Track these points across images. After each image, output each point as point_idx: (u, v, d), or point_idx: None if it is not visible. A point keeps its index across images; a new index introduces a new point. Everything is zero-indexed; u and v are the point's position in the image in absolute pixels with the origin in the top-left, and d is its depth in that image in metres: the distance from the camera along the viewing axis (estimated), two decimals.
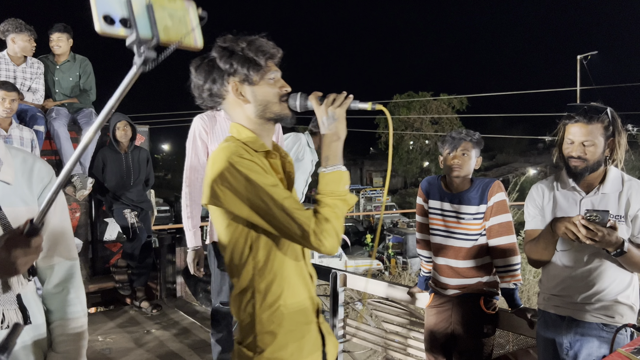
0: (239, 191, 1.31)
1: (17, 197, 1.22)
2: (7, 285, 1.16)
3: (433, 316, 2.65)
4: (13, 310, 1.18)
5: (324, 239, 1.29)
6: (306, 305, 1.47)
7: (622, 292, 1.97)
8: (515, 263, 2.48)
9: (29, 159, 1.30)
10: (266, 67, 1.41)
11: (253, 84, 1.40)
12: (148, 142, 5.59)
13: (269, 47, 1.40)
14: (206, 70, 1.40)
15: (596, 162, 1.97)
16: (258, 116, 1.44)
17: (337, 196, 1.35)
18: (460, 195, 2.55)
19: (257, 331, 1.40)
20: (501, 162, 43.81)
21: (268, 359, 1.39)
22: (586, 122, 1.96)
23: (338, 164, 1.39)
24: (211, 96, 1.43)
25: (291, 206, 1.30)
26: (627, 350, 1.25)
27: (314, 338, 1.48)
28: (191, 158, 2.84)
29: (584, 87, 23.57)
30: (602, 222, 1.76)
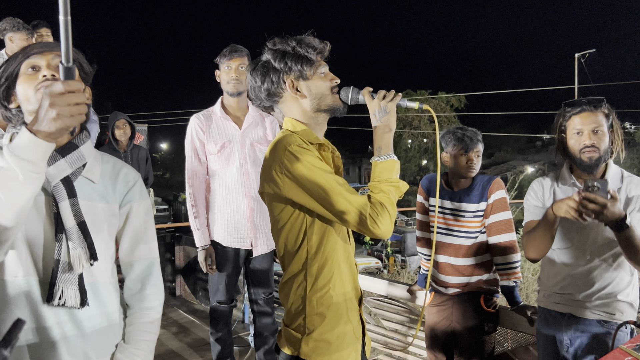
0: (298, 178, 1.38)
1: (98, 194, 1.36)
2: (70, 265, 1.25)
3: (434, 315, 2.65)
4: (72, 289, 1.25)
5: (379, 223, 1.36)
6: (351, 292, 1.54)
7: (622, 290, 1.97)
8: (515, 261, 2.48)
9: (118, 164, 1.45)
10: (317, 61, 1.50)
11: (307, 79, 1.50)
12: (147, 141, 5.59)
13: (317, 43, 1.50)
14: (262, 72, 1.50)
15: (606, 152, 1.95)
16: (314, 109, 1.53)
17: (390, 183, 1.44)
18: (461, 193, 2.55)
19: (307, 313, 1.47)
20: (499, 160, 43.87)
21: (316, 340, 1.47)
22: (592, 110, 1.95)
23: (390, 154, 1.48)
24: (269, 95, 1.52)
25: (349, 191, 1.38)
26: (630, 347, 1.25)
27: (355, 325, 1.55)
28: (191, 158, 2.85)
29: (582, 85, 23.62)
30: (603, 191, 1.73)
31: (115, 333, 1.39)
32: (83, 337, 1.30)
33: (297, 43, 1.48)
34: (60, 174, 1.28)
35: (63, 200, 1.26)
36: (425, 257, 2.80)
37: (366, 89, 1.53)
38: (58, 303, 1.23)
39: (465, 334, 2.52)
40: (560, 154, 2.09)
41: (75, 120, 1.05)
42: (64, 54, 0.99)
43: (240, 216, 2.80)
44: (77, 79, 1.02)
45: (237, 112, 2.88)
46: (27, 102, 1.27)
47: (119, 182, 1.42)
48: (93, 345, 1.32)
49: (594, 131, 1.94)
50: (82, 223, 1.28)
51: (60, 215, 1.26)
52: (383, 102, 1.48)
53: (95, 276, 1.34)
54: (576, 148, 1.98)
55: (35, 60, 1.29)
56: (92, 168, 1.36)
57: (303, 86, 1.50)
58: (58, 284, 1.24)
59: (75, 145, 1.32)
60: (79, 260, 1.26)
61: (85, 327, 1.31)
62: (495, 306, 2.55)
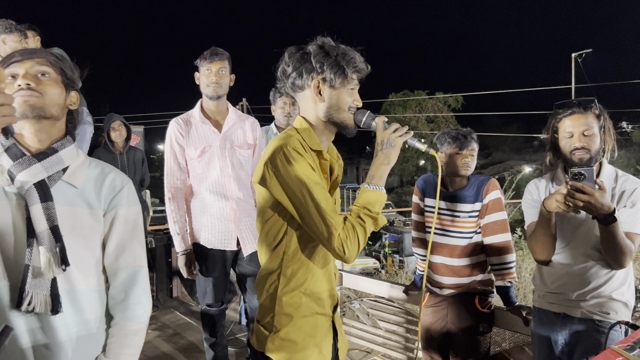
0: (284, 181, 1.42)
1: (81, 199, 1.34)
2: (40, 271, 1.23)
3: (429, 315, 2.65)
4: (43, 295, 1.23)
5: (345, 247, 1.39)
6: (325, 297, 1.57)
7: (616, 290, 1.97)
8: (511, 261, 2.48)
9: (107, 169, 1.43)
10: (350, 78, 1.52)
11: (333, 88, 1.51)
12: (143, 142, 5.59)
13: (359, 62, 1.53)
14: (298, 60, 1.52)
15: (597, 153, 1.97)
16: (325, 117, 1.54)
17: (370, 214, 1.46)
18: (456, 193, 2.55)
19: (276, 312, 1.51)
20: (497, 160, 43.91)
21: (282, 339, 1.50)
22: (582, 112, 1.97)
23: (381, 186, 1.50)
24: (293, 85, 1.55)
25: (327, 207, 1.40)
26: (621, 347, 1.25)
27: (326, 330, 1.58)
28: (170, 163, 2.83)
29: (579, 84, 23.67)
30: (590, 178, 1.74)
31: (94, 343, 1.36)
32: (57, 345, 1.27)
33: (342, 54, 1.50)
34: (34, 178, 1.26)
35: (34, 204, 1.24)
36: (421, 257, 2.80)
37: (381, 118, 1.56)
38: (27, 309, 1.21)
39: (460, 334, 2.52)
40: (553, 154, 2.10)
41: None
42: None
43: (224, 219, 2.78)
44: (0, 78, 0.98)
45: (217, 116, 2.85)
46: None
47: (104, 187, 1.40)
48: (68, 355, 1.29)
49: (584, 133, 1.96)
50: (54, 227, 1.25)
51: (30, 220, 1.24)
52: (392, 135, 1.51)
53: (72, 283, 1.31)
54: (567, 150, 2.00)
55: (14, 69, 1.29)
56: (74, 173, 1.35)
57: (326, 92, 1.52)
58: (28, 290, 1.21)
59: (54, 150, 1.31)
60: (48, 265, 1.23)
61: (60, 335, 1.28)
62: (490, 307, 2.55)
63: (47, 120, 1.31)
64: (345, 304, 4.22)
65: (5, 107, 0.99)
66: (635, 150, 32.96)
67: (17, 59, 1.30)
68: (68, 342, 1.29)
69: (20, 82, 1.27)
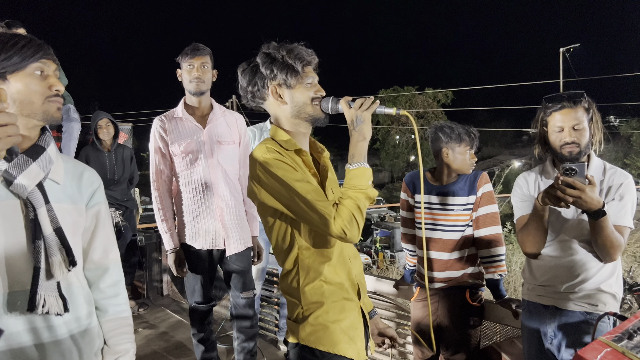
0: (270, 187, 1.48)
1: (65, 195, 1.34)
2: (50, 273, 1.23)
3: (419, 310, 2.66)
4: (54, 297, 1.24)
5: (345, 229, 1.42)
6: (347, 284, 1.60)
7: (605, 281, 1.99)
8: (500, 254, 2.49)
9: (78, 166, 1.43)
10: (303, 72, 1.56)
11: (290, 87, 1.56)
12: (131, 140, 5.55)
13: (306, 54, 1.56)
14: (250, 74, 1.58)
15: (586, 146, 1.98)
16: (294, 116, 1.59)
17: (358, 189, 1.49)
18: (448, 187, 2.55)
19: (303, 304, 1.56)
20: (486, 155, 44.16)
21: (312, 324, 1.55)
22: (572, 106, 1.98)
23: (362, 162, 1.53)
24: (254, 97, 1.61)
25: (313, 198, 1.43)
26: (609, 338, 1.26)
27: (355, 316, 1.61)
28: (155, 161, 2.81)
29: (567, 79, 23.82)
30: (581, 174, 1.75)
31: (88, 339, 1.37)
32: (60, 342, 1.28)
33: (287, 52, 1.53)
34: (35, 179, 1.24)
35: (41, 206, 1.23)
36: (410, 253, 2.81)
37: (344, 99, 1.57)
38: (41, 311, 1.21)
39: (451, 327, 2.53)
40: (542, 147, 2.11)
41: (2, 143, 0.96)
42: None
43: (210, 217, 2.76)
44: (2, 98, 0.96)
45: (201, 112, 2.83)
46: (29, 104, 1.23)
47: (83, 182, 1.40)
48: (70, 350, 1.30)
49: (574, 128, 1.96)
50: (58, 229, 1.26)
51: (38, 222, 1.22)
52: (358, 112, 1.52)
53: (68, 280, 1.32)
54: (557, 144, 2.00)
55: (44, 66, 1.26)
56: (56, 169, 1.33)
57: (285, 94, 1.57)
58: (40, 292, 1.21)
59: (42, 148, 1.28)
60: (59, 267, 1.24)
61: (61, 333, 1.28)
62: (481, 300, 2.56)
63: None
64: None
65: (10, 127, 0.97)
66: (622, 144, 33.31)
67: (49, 57, 1.28)
68: (69, 339, 1.30)
69: (59, 87, 1.28)
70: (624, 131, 34.77)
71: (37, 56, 1.25)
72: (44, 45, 1.28)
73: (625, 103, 30.54)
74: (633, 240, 13.08)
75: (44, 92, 1.25)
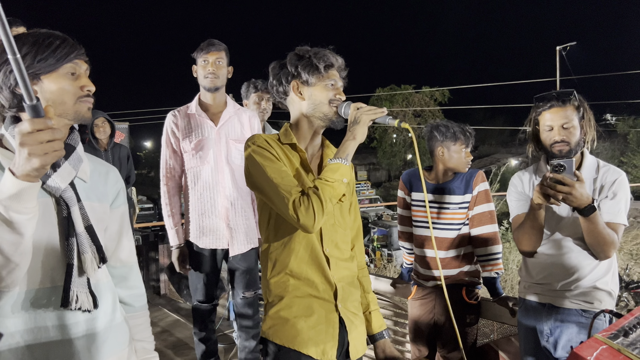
0: (251, 174, 1.56)
1: (92, 193, 1.36)
2: (82, 270, 1.25)
3: (416, 308, 2.66)
4: (85, 293, 1.26)
5: (299, 213, 1.44)
6: (318, 282, 1.60)
7: (600, 279, 1.99)
8: (497, 252, 2.50)
9: (104, 165, 1.47)
10: (325, 73, 1.63)
11: (310, 86, 1.63)
12: (128, 139, 5.53)
13: (332, 57, 1.64)
14: (277, 70, 1.67)
15: (577, 144, 1.99)
16: (309, 113, 1.65)
17: (325, 181, 1.51)
18: (445, 185, 2.56)
19: (268, 295, 1.62)
20: (483, 153, 44.20)
21: (272, 318, 1.59)
22: (561, 105, 2.00)
23: (342, 158, 1.56)
24: (278, 93, 1.70)
25: (280, 182, 1.49)
26: (604, 336, 1.26)
27: (325, 316, 1.59)
28: (166, 156, 2.81)
29: (564, 77, 23.88)
30: (569, 170, 1.76)
31: (115, 333, 1.38)
32: (86, 339, 1.29)
33: (314, 53, 1.62)
34: (68, 178, 1.26)
35: (74, 204, 1.25)
36: (407, 251, 2.81)
37: (357, 104, 1.61)
38: (75, 307, 1.23)
39: (448, 325, 2.53)
40: (535, 146, 2.12)
41: (50, 157, 0.99)
42: (24, 92, 0.94)
43: (215, 216, 2.75)
44: (49, 115, 0.98)
45: (214, 109, 2.82)
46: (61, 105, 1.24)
47: (109, 182, 1.43)
48: (97, 346, 1.31)
49: (563, 126, 1.98)
50: (89, 227, 1.28)
51: (72, 220, 1.24)
52: (358, 112, 1.57)
53: (97, 277, 1.34)
54: (547, 143, 2.02)
55: (76, 67, 1.26)
56: (84, 168, 1.35)
57: (305, 91, 1.64)
58: (72, 289, 1.23)
59: (72, 147, 1.30)
60: (90, 264, 1.26)
61: (89, 328, 1.30)
62: (477, 298, 2.57)
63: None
64: None
65: (57, 142, 0.99)
66: (619, 142, 33.37)
67: (81, 57, 1.28)
68: (96, 334, 1.32)
69: (91, 87, 1.28)
70: (620, 129, 34.83)
71: (70, 57, 1.25)
72: (76, 45, 1.28)
73: (622, 101, 30.66)
74: (629, 238, 13.12)
75: (76, 92, 1.26)
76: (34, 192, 1.04)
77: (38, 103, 0.97)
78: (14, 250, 1.05)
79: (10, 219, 1.02)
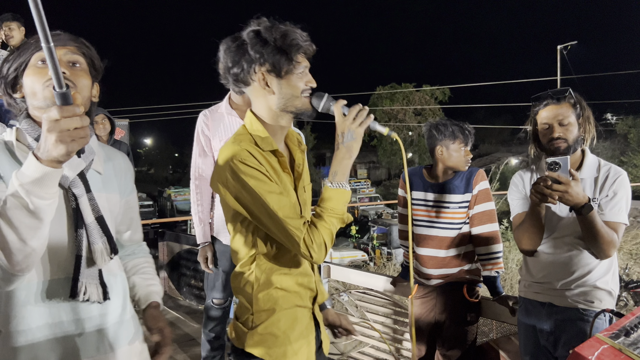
0: (237, 195, 1.37)
1: (108, 184, 1.39)
2: (92, 261, 1.26)
3: (417, 307, 2.66)
4: (94, 285, 1.26)
5: (312, 251, 1.36)
6: (302, 290, 1.53)
7: (601, 278, 1.99)
8: (498, 251, 2.49)
9: (117, 154, 1.48)
10: (296, 61, 1.40)
11: (281, 77, 1.40)
12: (128, 136, 5.52)
13: (301, 40, 1.39)
14: (236, 54, 1.39)
15: (575, 141, 2.00)
16: (279, 108, 1.44)
17: (335, 215, 1.41)
18: (445, 184, 2.55)
19: (254, 310, 1.48)
20: (484, 152, 44.18)
21: (260, 334, 1.47)
22: (556, 102, 2.01)
23: (344, 182, 1.43)
24: (236, 81, 1.43)
25: (285, 215, 1.35)
26: (606, 335, 1.26)
27: (307, 322, 1.55)
28: (196, 154, 2.86)
29: (564, 76, 23.88)
30: (564, 168, 1.77)
31: (126, 324, 1.39)
32: (96, 330, 1.30)
33: (282, 36, 1.36)
34: (76, 169, 1.27)
35: (82, 195, 1.26)
36: (408, 249, 2.81)
37: (340, 102, 1.45)
38: (82, 299, 1.24)
39: (448, 323, 2.53)
40: (535, 146, 2.13)
41: (77, 144, 1.01)
42: (55, 80, 0.95)
43: None
44: (77, 102, 1.00)
45: (244, 107, 2.82)
46: (33, 96, 1.25)
47: (122, 171, 1.46)
48: (108, 337, 1.32)
49: (560, 124, 1.99)
50: (100, 218, 1.29)
51: (80, 211, 1.25)
52: (353, 125, 1.41)
53: (109, 268, 1.35)
54: (545, 141, 2.03)
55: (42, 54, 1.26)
56: (98, 159, 1.37)
57: (274, 82, 1.41)
58: (81, 280, 1.24)
59: None
60: (101, 255, 1.27)
61: (100, 320, 1.31)
62: (478, 296, 2.57)
63: None
64: (334, 296, 4.22)
65: (84, 129, 1.01)
66: (619, 142, 33.36)
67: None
68: (107, 326, 1.32)
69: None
70: (620, 129, 34.83)
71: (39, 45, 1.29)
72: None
73: (622, 100, 30.65)
74: (629, 237, 13.13)
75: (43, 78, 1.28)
76: (57, 177, 1.05)
77: (68, 90, 0.98)
78: (32, 234, 1.06)
79: (32, 204, 1.03)
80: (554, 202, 1.81)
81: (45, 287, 1.22)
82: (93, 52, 1.35)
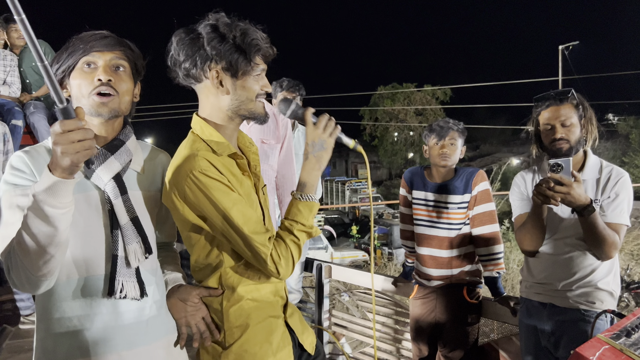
0: (198, 208, 1.31)
1: (143, 184, 1.42)
2: (128, 261, 1.31)
3: (418, 307, 2.66)
4: (132, 282, 1.31)
5: (279, 267, 1.32)
6: (273, 299, 1.48)
7: (602, 279, 1.99)
8: (498, 252, 2.49)
9: (155, 152, 1.53)
10: (254, 62, 1.34)
11: (236, 77, 1.34)
12: None
13: (261, 41, 1.33)
14: (189, 48, 1.31)
15: (578, 142, 2.00)
16: (231, 110, 1.38)
17: (304, 228, 1.37)
18: (445, 184, 2.56)
19: (226, 327, 1.40)
20: (485, 152, 44.14)
21: (236, 353, 1.39)
22: (558, 103, 2.01)
23: (313, 195, 1.40)
24: (187, 76, 1.35)
25: (250, 231, 1.29)
26: (607, 336, 1.26)
27: (282, 333, 1.48)
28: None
29: (566, 77, 23.86)
30: (567, 169, 1.77)
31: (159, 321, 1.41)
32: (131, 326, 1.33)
33: (241, 34, 1.29)
34: (112, 171, 1.31)
35: (117, 197, 1.31)
36: (409, 249, 2.81)
37: (309, 111, 1.42)
38: (120, 296, 1.29)
39: (449, 325, 2.53)
40: (538, 147, 2.13)
41: (82, 155, 1.04)
42: (55, 97, 0.99)
43: None
44: (80, 116, 1.03)
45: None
46: (78, 100, 1.30)
47: (159, 170, 1.49)
48: (146, 332, 1.36)
49: (562, 124, 1.99)
50: (135, 219, 1.33)
51: (114, 213, 1.30)
52: (324, 135, 1.38)
53: (145, 267, 1.39)
54: (548, 141, 2.03)
55: (93, 58, 1.31)
56: (137, 160, 1.42)
57: (228, 82, 1.34)
58: (118, 278, 1.29)
59: (121, 142, 1.36)
60: (134, 255, 1.31)
61: (135, 316, 1.34)
62: (478, 297, 2.57)
63: (118, 117, 1.36)
64: (335, 296, 4.22)
65: (87, 142, 1.04)
66: (621, 142, 33.31)
67: (98, 49, 1.31)
68: (141, 322, 1.35)
69: (102, 76, 1.30)
70: (622, 129, 34.76)
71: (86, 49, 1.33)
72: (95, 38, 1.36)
73: (624, 101, 30.62)
74: (630, 238, 13.12)
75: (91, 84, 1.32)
76: (68, 188, 1.09)
77: (68, 105, 1.02)
78: (49, 242, 1.11)
79: (45, 212, 1.07)
80: (556, 203, 1.81)
81: (84, 283, 1.27)
82: (136, 54, 1.40)
